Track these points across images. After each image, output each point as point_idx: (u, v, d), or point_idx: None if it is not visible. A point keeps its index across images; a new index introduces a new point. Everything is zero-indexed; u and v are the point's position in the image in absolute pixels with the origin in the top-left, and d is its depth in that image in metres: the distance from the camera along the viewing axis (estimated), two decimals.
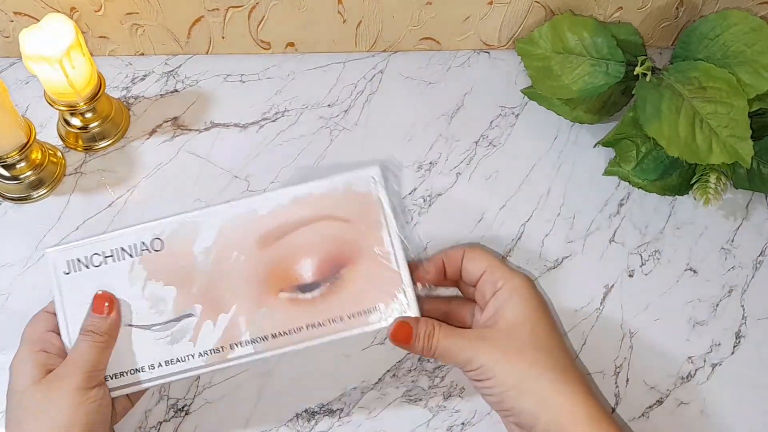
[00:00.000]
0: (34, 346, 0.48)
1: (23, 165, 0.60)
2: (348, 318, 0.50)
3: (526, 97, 0.68)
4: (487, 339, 0.47)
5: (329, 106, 0.67)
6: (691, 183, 0.60)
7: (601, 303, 0.59)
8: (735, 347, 0.58)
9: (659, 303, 0.60)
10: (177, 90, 0.67)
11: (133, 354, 0.50)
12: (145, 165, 0.63)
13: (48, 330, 0.49)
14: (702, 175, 0.60)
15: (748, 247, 0.62)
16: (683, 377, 0.57)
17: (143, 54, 0.68)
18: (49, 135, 0.64)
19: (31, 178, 0.61)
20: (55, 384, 0.46)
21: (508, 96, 0.68)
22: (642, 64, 0.59)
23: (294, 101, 0.67)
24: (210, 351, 0.50)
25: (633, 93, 0.59)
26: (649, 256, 0.61)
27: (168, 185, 0.63)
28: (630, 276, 0.61)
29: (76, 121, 0.62)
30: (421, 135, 0.66)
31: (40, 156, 0.61)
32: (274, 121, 0.66)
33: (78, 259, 0.51)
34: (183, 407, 0.55)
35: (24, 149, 0.57)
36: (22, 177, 0.60)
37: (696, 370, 0.57)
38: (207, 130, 0.65)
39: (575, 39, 0.62)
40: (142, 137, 0.65)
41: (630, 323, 0.59)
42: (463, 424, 0.55)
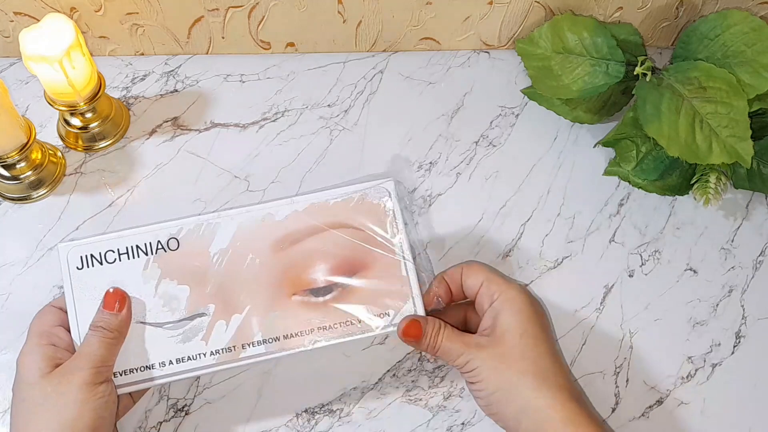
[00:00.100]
0: (42, 339, 0.48)
1: (23, 165, 0.60)
2: (358, 322, 0.52)
3: (526, 97, 0.68)
4: (483, 345, 0.50)
5: (329, 106, 0.67)
6: (691, 183, 0.60)
7: (601, 303, 0.59)
8: (735, 347, 0.58)
9: (659, 303, 0.60)
10: (177, 90, 0.67)
11: (145, 351, 0.50)
12: (145, 165, 0.63)
13: (55, 324, 0.50)
14: (702, 175, 0.60)
15: (748, 247, 0.62)
16: (683, 377, 0.57)
17: (143, 54, 0.68)
18: (49, 135, 0.64)
19: (31, 178, 0.61)
20: (64, 378, 0.46)
21: (508, 96, 0.68)
22: (642, 64, 0.59)
23: (294, 101, 0.67)
24: (222, 350, 0.50)
25: (633, 93, 0.59)
26: (649, 256, 0.61)
27: (168, 185, 0.63)
28: (630, 276, 0.61)
29: (76, 121, 0.62)
30: (421, 135, 0.66)
31: (40, 156, 0.61)
32: (274, 121, 0.66)
33: (92, 255, 0.51)
34: (183, 407, 0.55)
35: (24, 149, 0.57)
36: (22, 177, 0.60)
37: (696, 370, 0.57)
38: (207, 130, 0.65)
39: (575, 39, 0.62)
40: (142, 137, 0.65)
41: (630, 323, 0.59)
42: (463, 424, 0.55)
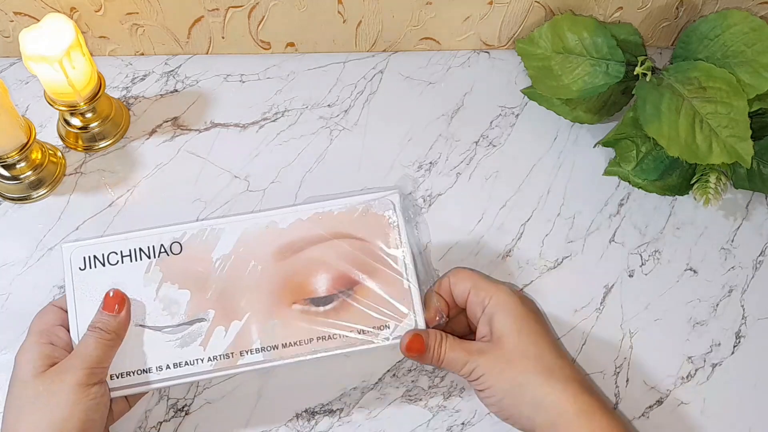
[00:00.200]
0: (41, 337, 0.48)
1: (23, 165, 0.60)
2: (358, 333, 0.51)
3: (526, 97, 0.68)
4: (484, 352, 0.50)
5: (329, 106, 0.67)
6: (691, 183, 0.60)
7: (601, 303, 0.59)
8: (735, 347, 0.58)
9: (659, 303, 0.60)
10: (177, 90, 0.67)
11: (142, 354, 0.50)
12: (145, 165, 0.63)
13: (56, 324, 0.50)
14: (702, 175, 0.60)
15: (748, 247, 0.62)
16: (683, 377, 0.57)
17: (143, 54, 0.68)
18: (49, 135, 0.64)
19: (31, 178, 0.61)
20: (58, 377, 0.46)
21: (508, 96, 0.68)
22: (642, 64, 0.59)
23: (294, 101, 0.67)
24: (219, 356, 0.50)
25: (633, 93, 0.59)
26: (649, 256, 0.61)
27: (168, 185, 0.63)
28: (630, 276, 0.61)
29: (76, 121, 0.62)
30: (421, 135, 0.66)
31: (40, 156, 0.61)
32: (274, 121, 0.66)
33: (94, 256, 0.51)
34: (183, 407, 0.55)
35: (24, 149, 0.57)
36: (22, 177, 0.60)
37: (696, 370, 0.57)
38: (207, 130, 0.65)
39: (575, 39, 0.62)
40: (142, 137, 0.65)
41: (630, 323, 0.59)
42: (463, 424, 0.55)
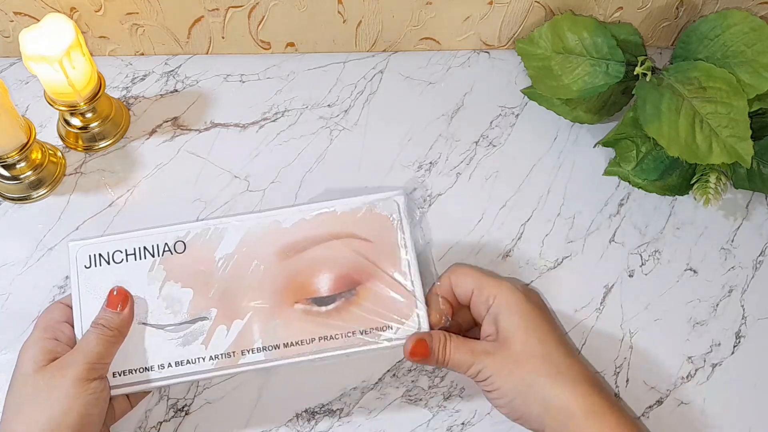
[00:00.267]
0: (46, 332, 0.49)
1: (23, 165, 0.60)
2: (360, 333, 0.51)
3: (526, 97, 0.67)
4: (491, 352, 0.49)
5: (329, 106, 0.67)
6: (691, 183, 0.60)
7: (601, 303, 0.59)
8: (735, 347, 0.58)
9: (659, 303, 0.60)
10: (177, 90, 0.67)
11: (144, 352, 0.50)
12: (145, 165, 0.63)
13: (61, 320, 0.50)
14: (702, 175, 0.59)
15: (748, 247, 0.62)
16: (683, 377, 0.57)
17: (143, 54, 0.68)
18: (49, 135, 0.64)
19: (31, 178, 0.61)
20: (58, 371, 0.46)
21: (508, 96, 0.68)
22: (642, 64, 0.59)
23: (294, 101, 0.67)
24: (221, 355, 0.50)
25: (633, 93, 0.59)
26: (649, 256, 0.61)
27: (168, 185, 0.63)
28: (630, 276, 0.61)
29: (76, 121, 0.62)
30: (421, 135, 0.66)
31: (40, 156, 0.61)
32: (274, 121, 0.66)
33: (100, 255, 0.52)
34: (183, 407, 0.55)
35: (24, 149, 0.57)
36: (22, 177, 0.60)
37: (696, 370, 0.57)
38: (207, 130, 0.65)
39: (575, 39, 0.62)
40: (142, 137, 0.65)
41: (630, 323, 0.59)
42: (463, 424, 0.55)
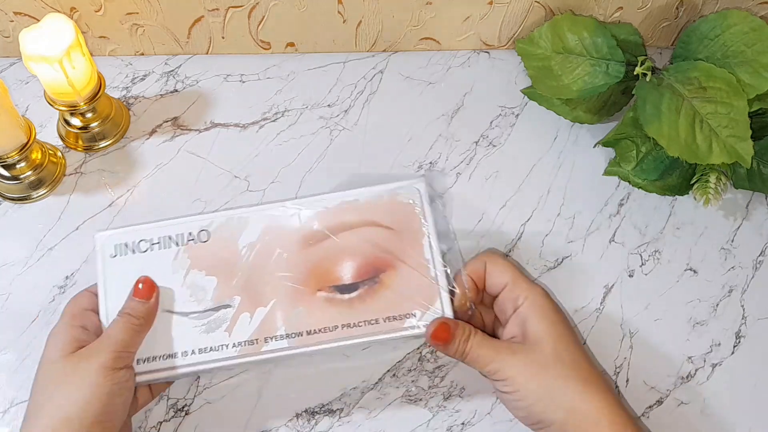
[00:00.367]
0: (73, 320, 0.49)
1: (23, 165, 0.60)
2: (383, 321, 0.51)
3: (526, 97, 0.68)
4: (516, 353, 0.49)
5: (329, 106, 0.67)
6: (691, 183, 0.60)
7: (601, 303, 0.59)
8: (735, 347, 0.58)
9: (659, 303, 0.60)
10: (177, 90, 0.67)
11: (169, 339, 0.51)
12: (145, 165, 0.63)
13: (88, 308, 0.51)
14: (702, 175, 0.59)
15: (748, 247, 0.62)
16: (683, 377, 0.57)
17: (143, 54, 0.68)
18: (49, 135, 0.64)
19: (31, 178, 0.61)
20: (84, 359, 0.47)
21: (508, 96, 0.68)
22: (642, 64, 0.59)
23: (294, 101, 0.67)
24: (244, 342, 0.51)
25: (633, 93, 0.59)
26: (649, 256, 0.61)
27: (168, 185, 0.63)
28: (630, 276, 0.61)
29: (76, 121, 0.62)
30: (421, 135, 0.66)
31: (40, 156, 0.61)
32: (274, 121, 0.66)
33: (125, 244, 0.52)
34: (183, 407, 0.55)
35: (24, 149, 0.57)
36: (22, 177, 0.60)
37: (696, 370, 0.57)
38: (207, 130, 0.65)
39: (575, 39, 0.62)
40: (142, 137, 0.65)
41: (630, 323, 0.59)
42: (463, 424, 0.55)
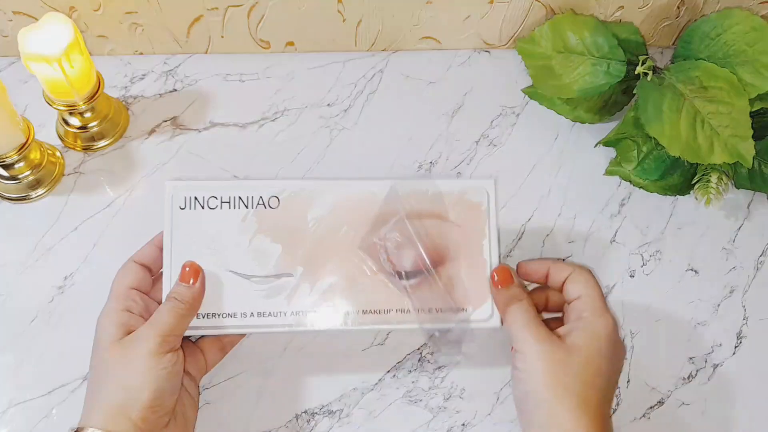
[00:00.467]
0: (118, 303, 0.50)
1: (22, 165, 0.60)
2: (435, 311, 0.52)
3: (526, 97, 0.67)
4: (550, 341, 0.48)
5: (329, 105, 0.67)
6: (693, 183, 0.60)
7: None
8: (736, 348, 0.58)
9: (660, 303, 0.59)
10: (176, 89, 0.67)
11: (230, 299, 0.51)
12: (145, 165, 0.63)
13: (132, 286, 0.51)
14: (703, 175, 0.59)
15: (749, 248, 0.62)
16: (684, 378, 0.57)
17: (142, 53, 0.68)
18: (48, 135, 0.64)
19: (30, 178, 0.60)
20: (131, 346, 0.47)
21: (508, 95, 0.68)
22: (643, 63, 0.59)
23: (293, 101, 0.67)
24: (301, 312, 0.52)
25: (634, 92, 0.59)
26: (650, 256, 0.61)
27: None
28: (631, 276, 0.60)
29: (74, 121, 0.62)
30: (421, 135, 0.66)
31: (38, 156, 0.61)
32: (273, 121, 0.66)
33: (195, 198, 0.52)
34: None
35: (23, 149, 0.57)
36: (20, 177, 0.60)
37: (697, 370, 0.57)
38: (206, 129, 0.65)
39: (576, 38, 0.61)
40: (141, 137, 0.65)
41: (631, 323, 0.59)
42: (464, 425, 0.55)
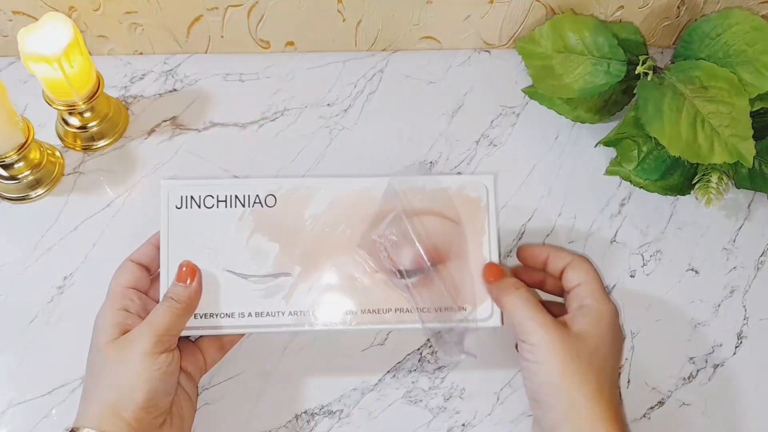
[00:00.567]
0: (115, 303, 0.50)
1: (21, 165, 0.60)
2: (435, 311, 0.52)
3: (526, 97, 0.67)
4: (559, 329, 0.48)
5: (329, 105, 0.67)
6: (693, 183, 0.60)
7: None
8: (737, 348, 0.58)
9: (661, 303, 0.59)
10: (176, 89, 0.67)
11: (228, 298, 0.51)
12: (144, 165, 0.63)
13: (129, 285, 0.51)
14: (704, 175, 0.59)
15: (749, 248, 0.62)
16: (685, 378, 0.57)
17: (142, 53, 0.68)
18: (48, 135, 0.64)
19: (30, 177, 0.60)
20: (126, 346, 0.47)
21: (508, 95, 0.68)
22: (643, 63, 0.59)
23: (293, 100, 0.67)
24: (300, 313, 0.51)
25: (634, 92, 0.59)
26: (651, 256, 0.61)
27: None
28: (631, 276, 0.60)
29: (74, 121, 0.62)
30: (421, 134, 0.66)
31: (38, 156, 0.61)
32: (273, 121, 0.66)
33: (192, 197, 0.52)
34: None
35: (22, 149, 0.57)
36: (20, 177, 0.60)
37: (698, 370, 0.57)
38: (206, 129, 0.65)
39: (576, 38, 0.61)
40: (140, 137, 0.65)
41: (631, 324, 0.59)
42: (464, 425, 0.55)
